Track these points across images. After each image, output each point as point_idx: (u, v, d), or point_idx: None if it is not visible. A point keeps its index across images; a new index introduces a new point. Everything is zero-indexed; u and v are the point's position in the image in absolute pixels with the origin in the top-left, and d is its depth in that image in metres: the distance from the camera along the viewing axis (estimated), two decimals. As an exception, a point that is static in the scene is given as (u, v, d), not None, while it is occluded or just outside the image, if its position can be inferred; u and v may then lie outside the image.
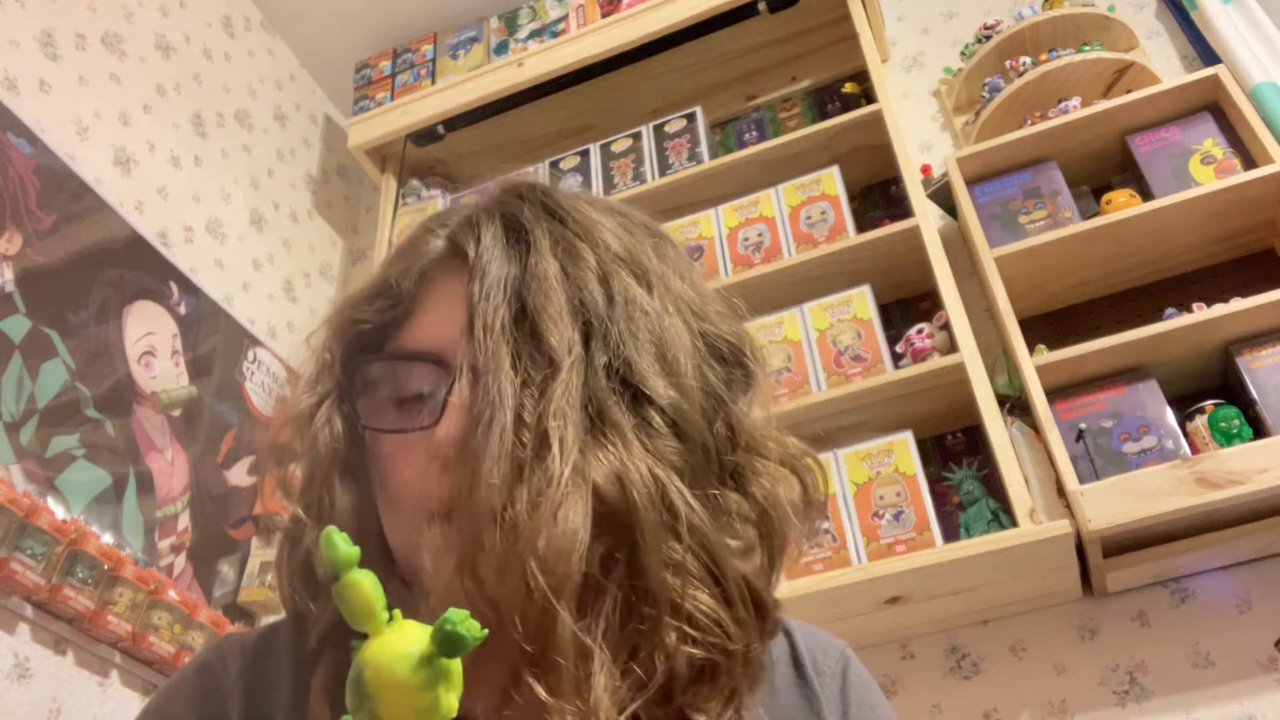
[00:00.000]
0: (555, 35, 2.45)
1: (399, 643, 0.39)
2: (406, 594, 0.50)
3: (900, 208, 2.04)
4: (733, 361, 0.55)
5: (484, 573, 0.45)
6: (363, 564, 0.52)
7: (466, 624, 0.38)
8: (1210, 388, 1.64)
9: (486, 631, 0.38)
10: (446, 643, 0.38)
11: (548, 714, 0.44)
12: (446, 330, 0.53)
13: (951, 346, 1.72)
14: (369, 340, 0.56)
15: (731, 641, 0.47)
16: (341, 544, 0.40)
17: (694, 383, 0.51)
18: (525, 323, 0.50)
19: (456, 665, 0.40)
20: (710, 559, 0.48)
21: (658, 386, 0.50)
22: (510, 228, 0.54)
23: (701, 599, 0.47)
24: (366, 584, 0.40)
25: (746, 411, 0.54)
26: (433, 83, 2.56)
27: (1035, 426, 1.61)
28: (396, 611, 0.41)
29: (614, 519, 0.46)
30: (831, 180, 2.01)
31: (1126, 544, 1.53)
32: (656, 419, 0.49)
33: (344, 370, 0.56)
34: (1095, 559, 1.54)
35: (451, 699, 0.39)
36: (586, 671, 0.44)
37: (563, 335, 0.49)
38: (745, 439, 0.53)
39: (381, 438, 0.54)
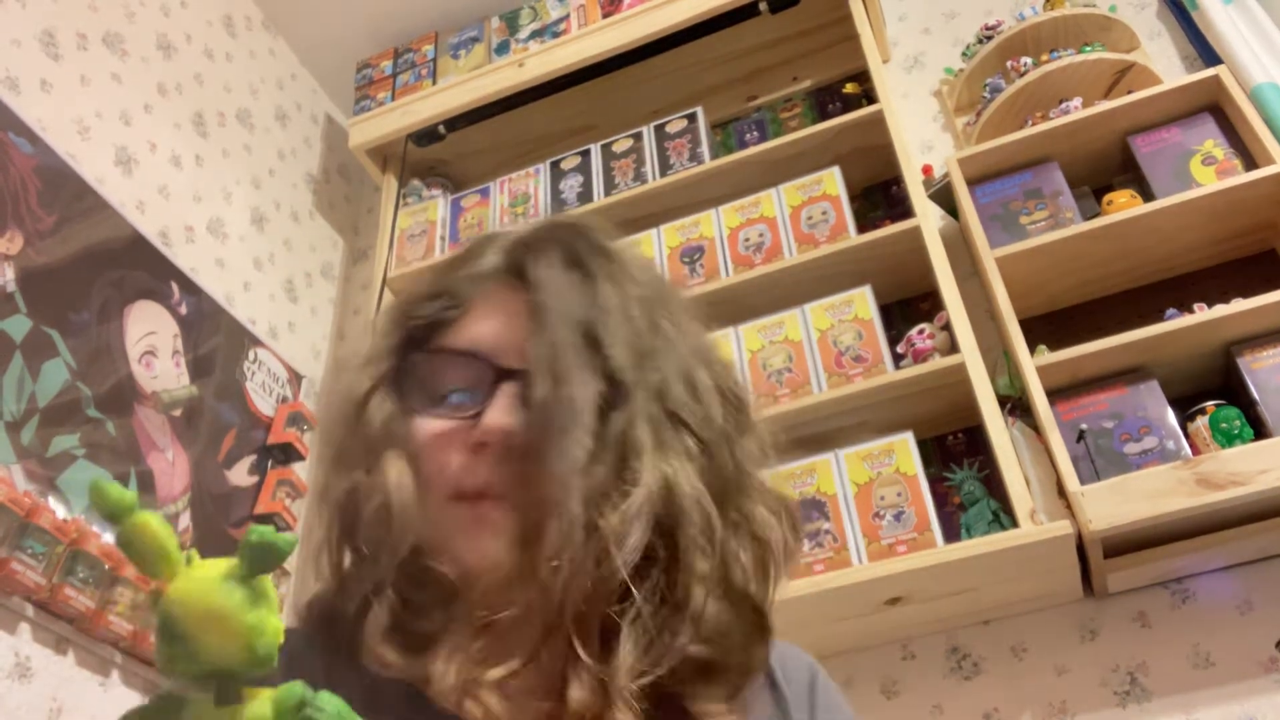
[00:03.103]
0: (556, 35, 2.45)
1: (204, 573, 0.35)
2: (431, 567, 0.55)
3: (901, 208, 2.04)
4: (736, 406, 0.61)
5: (539, 554, 0.50)
6: (412, 532, 0.56)
7: (274, 534, 0.35)
8: (1211, 388, 1.64)
9: (297, 538, 0.39)
10: (258, 556, 0.35)
11: (570, 672, 0.51)
12: (495, 336, 0.58)
13: (952, 347, 1.72)
14: (421, 335, 0.62)
15: (733, 648, 0.54)
16: (114, 490, 0.36)
17: (717, 418, 0.58)
18: (589, 340, 0.55)
19: (270, 586, 0.37)
20: (726, 574, 0.55)
21: (693, 414, 0.56)
22: (568, 254, 0.60)
23: (714, 607, 0.53)
24: (154, 523, 0.36)
25: (750, 450, 0.60)
26: (434, 83, 2.56)
27: (1036, 427, 1.61)
28: (193, 552, 0.37)
29: (660, 524, 0.52)
30: (832, 180, 2.01)
31: (1127, 545, 1.53)
32: (691, 444, 0.55)
33: (396, 359, 0.62)
34: (1096, 560, 1.54)
35: (276, 621, 0.36)
36: (610, 650, 0.51)
37: (620, 355, 0.55)
38: (745, 476, 0.59)
39: (421, 423, 0.58)
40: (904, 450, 1.66)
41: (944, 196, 1.96)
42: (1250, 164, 1.73)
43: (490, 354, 0.58)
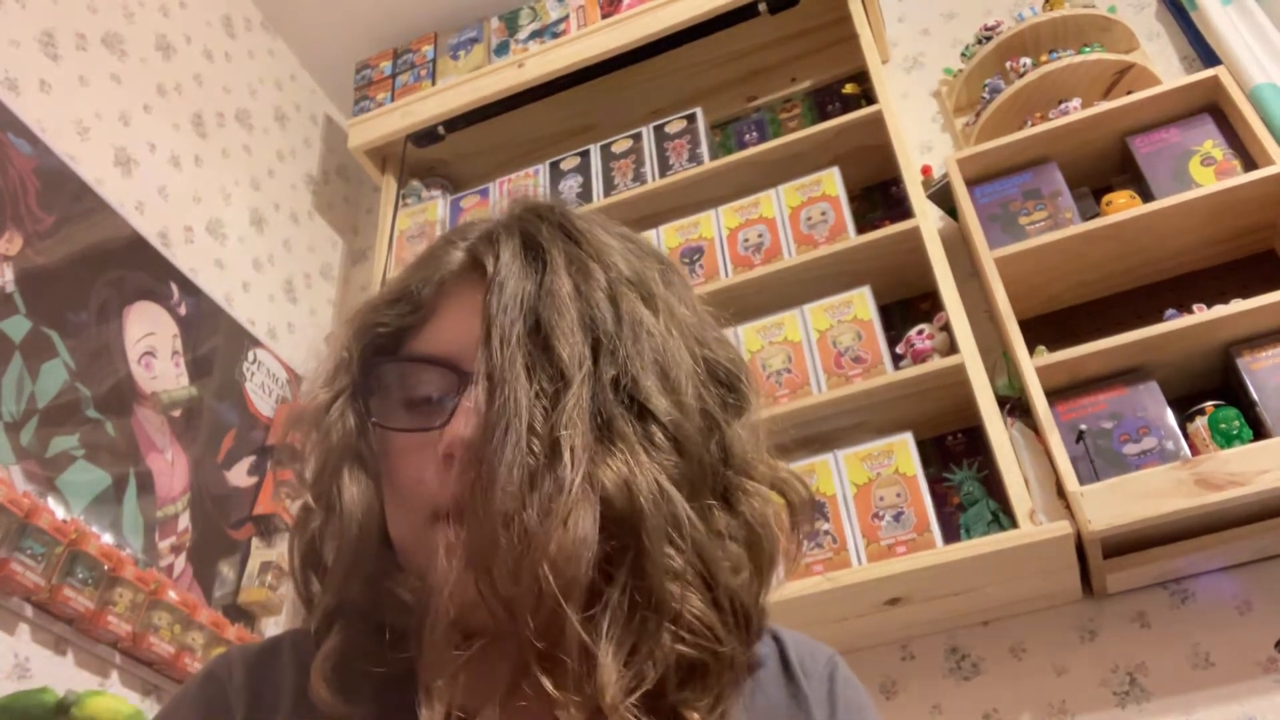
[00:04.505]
0: (556, 36, 2.45)
1: None
2: (407, 580, 0.53)
3: (900, 208, 2.04)
4: (729, 385, 0.58)
5: (496, 573, 0.48)
6: (368, 554, 0.54)
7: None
8: (1210, 389, 1.64)
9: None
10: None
11: (555, 709, 0.47)
12: (461, 338, 0.55)
13: (952, 347, 1.72)
14: (386, 343, 0.59)
15: (721, 645, 0.50)
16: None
17: (694, 403, 0.54)
18: (539, 336, 0.52)
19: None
20: (705, 567, 0.51)
21: (661, 404, 0.52)
22: (528, 245, 0.57)
23: (695, 604, 0.50)
24: None
25: (739, 434, 0.57)
26: (433, 83, 2.56)
27: (1035, 427, 1.61)
28: None
29: (620, 524, 0.49)
30: (832, 181, 2.01)
31: (1127, 545, 1.53)
32: (659, 434, 0.52)
33: (360, 369, 0.59)
34: (1095, 560, 1.54)
35: None
36: (590, 667, 0.47)
37: (574, 350, 0.52)
38: (737, 460, 0.56)
39: (391, 436, 0.56)
40: (903, 451, 1.66)
41: (943, 197, 1.96)
42: (1249, 164, 1.73)
43: (457, 359, 0.55)
